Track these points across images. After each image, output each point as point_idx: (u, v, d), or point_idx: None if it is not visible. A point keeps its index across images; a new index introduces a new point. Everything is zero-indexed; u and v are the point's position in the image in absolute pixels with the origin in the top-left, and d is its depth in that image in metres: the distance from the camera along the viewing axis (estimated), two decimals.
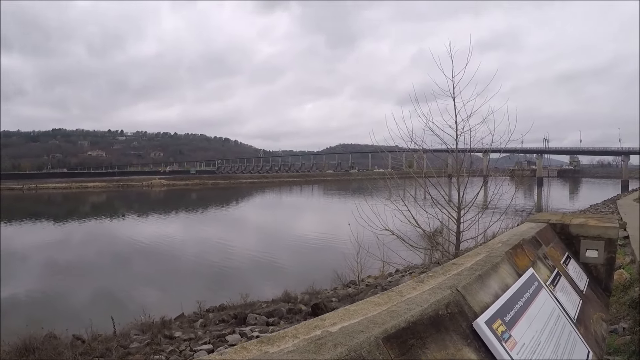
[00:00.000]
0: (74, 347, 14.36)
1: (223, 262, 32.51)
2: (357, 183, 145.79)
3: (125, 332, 15.96)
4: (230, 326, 15.10)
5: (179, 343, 13.61)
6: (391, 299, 2.26)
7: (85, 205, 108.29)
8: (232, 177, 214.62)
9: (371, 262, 20.76)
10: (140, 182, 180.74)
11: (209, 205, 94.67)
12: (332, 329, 1.82)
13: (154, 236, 47.13)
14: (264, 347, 1.71)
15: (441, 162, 18.50)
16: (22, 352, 13.78)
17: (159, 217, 72.56)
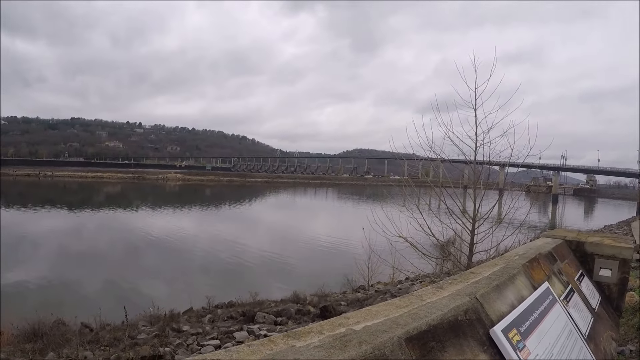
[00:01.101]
0: (82, 335, 14.45)
1: (233, 260, 32.57)
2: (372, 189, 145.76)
3: (134, 323, 16.01)
4: (238, 323, 15.12)
5: (186, 337, 13.63)
6: (412, 302, 2.30)
7: (99, 195, 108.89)
8: (247, 175, 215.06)
9: (382, 268, 20.76)
10: (155, 175, 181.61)
11: (222, 202, 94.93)
12: (356, 327, 1.86)
13: (166, 230, 47.30)
14: (290, 341, 1.74)
15: (458, 172, 18.45)
16: (30, 336, 13.92)
17: (172, 211, 72.83)
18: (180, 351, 11.65)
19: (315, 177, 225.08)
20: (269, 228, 55.30)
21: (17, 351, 12.78)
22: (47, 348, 12.75)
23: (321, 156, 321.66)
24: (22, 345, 13.32)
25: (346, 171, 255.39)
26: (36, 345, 13.07)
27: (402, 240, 13.76)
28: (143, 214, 67.08)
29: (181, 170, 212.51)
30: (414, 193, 16.38)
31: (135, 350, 11.25)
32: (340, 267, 27.30)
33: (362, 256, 21.66)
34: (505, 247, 14.17)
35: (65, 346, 12.75)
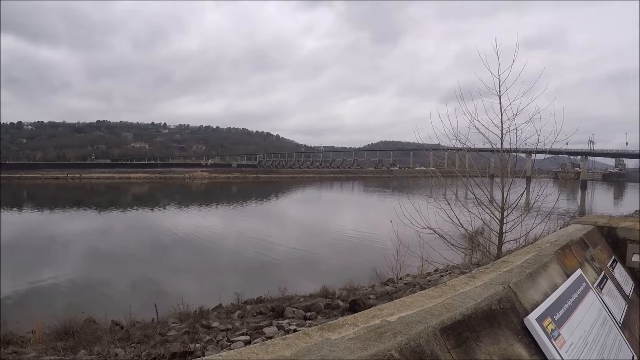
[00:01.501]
0: (112, 333, 14.65)
1: (261, 256, 32.65)
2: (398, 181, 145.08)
3: (164, 321, 16.16)
4: (267, 318, 15.14)
5: (216, 333, 13.68)
6: (445, 292, 2.28)
7: (127, 195, 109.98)
8: (273, 171, 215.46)
9: (410, 260, 20.66)
10: (182, 174, 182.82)
11: (249, 198, 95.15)
12: (391, 319, 1.85)
13: (193, 228, 47.60)
14: (325, 334, 1.74)
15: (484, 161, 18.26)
16: (61, 335, 14.11)
17: (199, 209, 73.26)
18: (210, 347, 11.70)
19: (341, 170, 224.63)
20: (296, 223, 55.36)
21: (49, 349, 12.97)
22: (78, 346, 12.91)
23: (346, 149, 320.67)
24: (53, 343, 13.50)
25: (371, 164, 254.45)
26: (67, 343, 13.23)
27: (430, 231, 13.64)
28: (170, 213, 67.59)
29: (207, 169, 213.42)
30: (441, 184, 16.26)
31: (165, 347, 11.34)
32: (368, 261, 27.25)
33: (390, 249, 21.60)
34: (534, 235, 14.00)
35: (96, 344, 12.89)
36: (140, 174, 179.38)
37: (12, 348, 13.38)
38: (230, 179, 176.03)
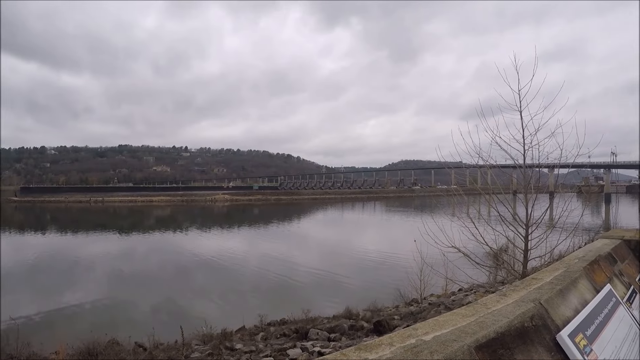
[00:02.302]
0: (136, 354, 14.76)
1: (284, 277, 32.66)
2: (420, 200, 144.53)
3: (187, 342, 16.18)
4: (291, 340, 15.10)
5: (239, 355, 13.67)
6: (477, 310, 2.27)
7: (149, 218, 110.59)
8: (294, 192, 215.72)
9: (435, 279, 20.47)
10: (203, 197, 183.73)
11: (271, 220, 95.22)
12: (426, 338, 1.85)
13: (215, 250, 47.70)
14: (362, 354, 1.74)
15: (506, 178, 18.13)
16: (85, 356, 14.23)
17: (221, 231, 73.43)
18: None
19: (362, 191, 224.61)
20: (318, 244, 55.31)
21: None
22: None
23: (367, 170, 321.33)
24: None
25: (393, 183, 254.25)
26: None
27: (453, 250, 13.54)
28: (193, 236, 67.81)
29: (229, 191, 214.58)
30: (463, 202, 16.16)
31: None
32: (391, 281, 27.14)
33: (414, 269, 21.45)
34: (559, 252, 13.87)
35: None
36: (162, 197, 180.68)
37: None
38: (252, 201, 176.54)
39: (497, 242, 13.99)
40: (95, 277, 35.01)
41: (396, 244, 46.78)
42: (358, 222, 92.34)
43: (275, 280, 31.94)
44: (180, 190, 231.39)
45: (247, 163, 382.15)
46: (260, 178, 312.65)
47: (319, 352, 11.67)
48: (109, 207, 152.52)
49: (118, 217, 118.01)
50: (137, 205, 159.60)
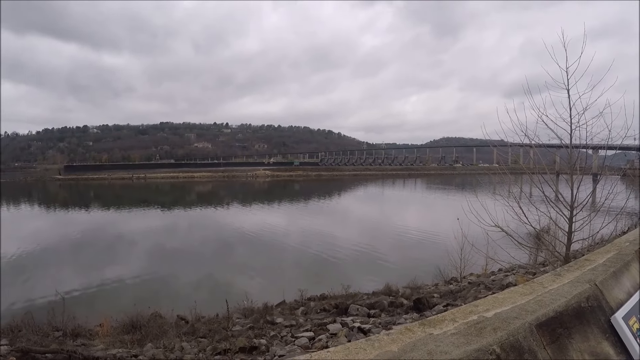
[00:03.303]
0: (178, 327, 15.04)
1: (324, 252, 32.77)
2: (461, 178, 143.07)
3: (229, 316, 16.45)
4: (331, 315, 15.18)
5: (280, 329, 13.80)
6: (534, 289, 2.26)
7: (191, 194, 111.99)
8: (335, 169, 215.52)
9: (475, 259, 20.31)
10: (244, 172, 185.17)
11: (311, 196, 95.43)
12: (487, 315, 1.86)
13: (256, 225, 48.13)
14: (427, 329, 1.76)
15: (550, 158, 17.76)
16: (128, 328, 14.64)
17: (262, 207, 73.84)
18: (274, 343, 11.81)
19: (403, 168, 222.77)
20: (358, 221, 55.19)
21: (116, 342, 13.39)
22: (145, 339, 13.29)
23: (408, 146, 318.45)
24: (120, 337, 13.98)
25: (434, 161, 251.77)
26: (134, 337, 13.68)
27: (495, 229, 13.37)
28: (234, 211, 68.43)
29: (270, 167, 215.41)
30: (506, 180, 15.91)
31: (230, 341, 11.49)
32: (431, 259, 27.06)
33: (454, 247, 21.32)
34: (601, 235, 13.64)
35: (162, 337, 13.23)
36: (203, 173, 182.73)
37: (80, 340, 13.89)
38: (293, 177, 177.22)
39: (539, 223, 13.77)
40: (138, 253, 35.64)
41: (436, 222, 46.59)
42: (398, 199, 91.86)
43: (315, 256, 32.08)
44: (221, 166, 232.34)
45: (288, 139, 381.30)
46: (301, 154, 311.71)
47: (359, 328, 11.71)
48: (151, 183, 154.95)
49: (160, 193, 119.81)
50: (179, 181, 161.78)
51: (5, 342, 12.74)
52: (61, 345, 11.92)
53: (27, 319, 15.34)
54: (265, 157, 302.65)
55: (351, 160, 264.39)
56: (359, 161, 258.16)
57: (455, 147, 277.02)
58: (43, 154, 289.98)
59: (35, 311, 17.40)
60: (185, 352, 11.11)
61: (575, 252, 13.34)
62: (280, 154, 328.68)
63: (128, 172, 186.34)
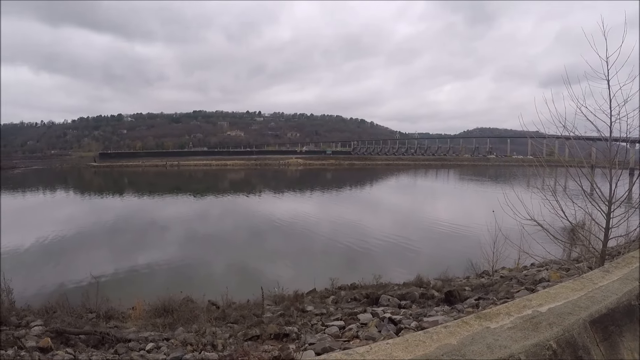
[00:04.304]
0: (209, 312, 15.18)
1: (355, 242, 32.78)
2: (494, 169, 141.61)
3: (259, 303, 16.55)
4: (362, 305, 15.14)
5: (310, 317, 13.80)
6: (585, 285, 2.23)
7: (224, 181, 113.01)
8: (367, 158, 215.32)
9: (507, 252, 20.05)
10: (277, 160, 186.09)
11: (343, 185, 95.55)
12: (542, 309, 1.85)
13: (288, 213, 48.38)
14: (483, 323, 1.75)
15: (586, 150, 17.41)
16: (160, 312, 14.82)
17: (294, 195, 74.17)
18: (305, 330, 11.82)
19: (436, 158, 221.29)
20: (390, 211, 55.08)
21: (148, 325, 13.59)
22: (176, 323, 13.45)
23: (441, 136, 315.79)
24: (152, 320, 14.17)
25: (467, 151, 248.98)
26: (166, 320, 13.86)
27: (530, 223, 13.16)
28: (266, 199, 68.82)
29: (302, 155, 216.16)
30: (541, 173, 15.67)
31: (261, 327, 11.55)
32: (462, 251, 26.90)
33: (487, 239, 21.10)
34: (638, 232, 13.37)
35: (193, 322, 13.36)
36: (236, 161, 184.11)
37: (113, 323, 14.14)
38: (325, 165, 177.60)
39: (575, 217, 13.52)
40: (171, 238, 36.14)
41: (468, 214, 46.26)
42: (430, 189, 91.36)
43: (346, 245, 32.10)
44: (254, 154, 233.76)
45: (320, 128, 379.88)
46: (334, 143, 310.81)
47: (389, 319, 11.65)
48: (185, 170, 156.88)
49: (193, 180, 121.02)
50: (212, 168, 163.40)
51: (40, 322, 12.99)
52: (94, 327, 12.11)
53: (61, 301, 15.67)
54: (298, 145, 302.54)
55: (384, 149, 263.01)
56: (392, 151, 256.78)
57: (489, 138, 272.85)
58: (78, 142, 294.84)
59: (70, 293, 17.77)
60: (216, 337, 11.17)
61: (610, 249, 13.14)
62: (312, 142, 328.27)
63: (161, 160, 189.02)
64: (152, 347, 10.69)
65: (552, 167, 15.91)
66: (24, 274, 23.47)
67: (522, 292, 12.57)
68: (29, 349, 9.22)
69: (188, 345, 10.38)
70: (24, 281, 21.45)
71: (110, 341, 11.18)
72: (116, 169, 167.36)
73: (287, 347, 9.54)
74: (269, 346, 9.80)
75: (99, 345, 11.04)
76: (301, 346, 9.47)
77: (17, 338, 10.32)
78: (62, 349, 10.15)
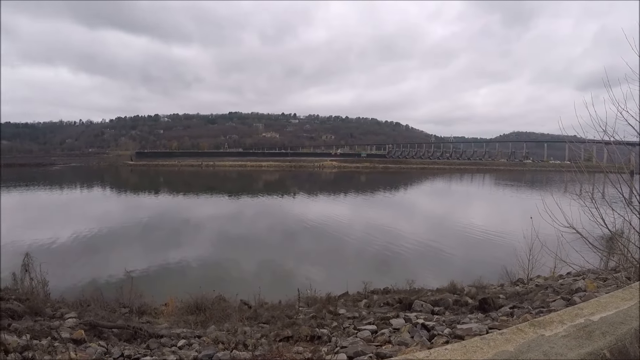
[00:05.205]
0: (241, 311, 15.28)
1: (388, 246, 32.67)
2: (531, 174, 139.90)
3: (291, 304, 16.64)
4: (394, 310, 15.03)
5: (342, 320, 13.73)
6: (633, 295, 2.19)
7: (258, 182, 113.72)
8: (402, 161, 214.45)
9: (544, 260, 19.74)
10: (311, 163, 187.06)
11: (377, 188, 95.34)
12: (594, 318, 1.84)
13: (322, 215, 48.43)
14: (538, 330, 1.75)
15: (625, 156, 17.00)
16: (193, 309, 15.06)
17: (328, 197, 74.27)
18: (336, 333, 11.76)
19: (471, 162, 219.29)
20: (423, 215, 54.78)
21: (180, 322, 13.73)
22: (208, 321, 13.60)
23: (477, 140, 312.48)
24: (185, 317, 14.37)
25: (503, 156, 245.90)
26: (198, 318, 14.05)
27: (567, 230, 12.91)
28: (300, 201, 69.05)
29: (336, 158, 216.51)
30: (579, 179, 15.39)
31: (293, 329, 11.53)
32: (496, 258, 26.54)
33: (522, 247, 20.79)
34: None
35: (225, 320, 13.50)
36: (271, 162, 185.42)
37: (146, 318, 14.37)
38: (359, 168, 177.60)
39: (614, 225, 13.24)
40: (204, 237, 36.48)
41: (503, 220, 45.81)
42: (465, 194, 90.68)
43: (379, 249, 32.01)
44: (288, 156, 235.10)
45: (355, 130, 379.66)
46: (368, 146, 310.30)
47: (422, 325, 11.54)
48: (219, 171, 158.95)
49: (228, 180, 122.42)
50: (247, 169, 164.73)
51: (74, 315, 13.24)
52: (127, 322, 12.30)
53: (95, 295, 16.13)
54: (332, 148, 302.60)
55: (418, 153, 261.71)
56: (427, 154, 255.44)
57: (526, 142, 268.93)
58: (116, 141, 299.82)
59: (104, 288, 18.26)
60: (247, 336, 11.19)
61: None
62: (347, 145, 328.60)
63: (197, 160, 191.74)
64: (184, 343, 10.78)
65: (590, 173, 15.64)
66: (59, 267, 23.88)
67: (558, 302, 12.36)
68: (63, 340, 9.34)
69: (220, 344, 10.43)
70: (59, 274, 21.88)
71: (142, 336, 11.32)
72: (152, 168, 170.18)
73: (319, 349, 9.52)
74: (301, 348, 9.78)
75: (132, 340, 11.20)
76: (333, 349, 9.44)
77: (52, 329, 10.50)
78: (95, 342, 10.30)
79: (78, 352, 8.53)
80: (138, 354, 9.10)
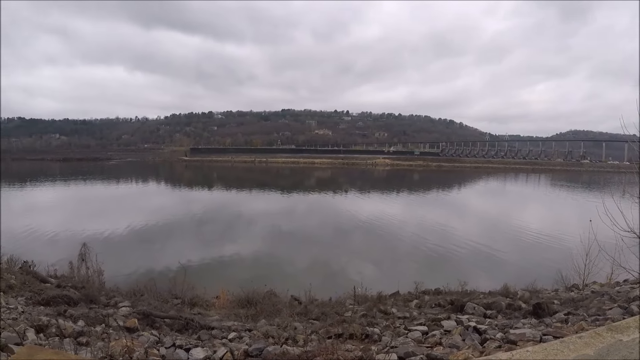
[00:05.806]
0: (291, 307, 15.43)
1: (440, 246, 32.36)
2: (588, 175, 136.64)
3: (341, 301, 16.69)
4: (446, 311, 14.87)
5: (393, 319, 13.63)
6: None
7: (310, 179, 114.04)
8: (455, 160, 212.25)
9: (601, 265, 19.24)
10: (364, 160, 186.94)
11: (430, 187, 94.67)
12: None
13: (374, 213, 48.36)
14: (615, 335, 1.79)
15: None
16: (244, 303, 15.36)
17: (380, 195, 73.90)
18: (387, 333, 11.70)
19: (527, 162, 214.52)
20: (477, 216, 54.02)
21: (231, 315, 13.96)
22: (259, 315, 13.76)
23: (532, 139, 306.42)
24: (236, 310, 14.63)
25: (560, 155, 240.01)
26: (249, 311, 14.26)
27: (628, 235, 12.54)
28: (352, 198, 68.95)
29: (389, 156, 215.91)
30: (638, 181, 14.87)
31: (343, 326, 11.53)
32: (551, 262, 26.03)
33: (579, 251, 20.29)
34: None
35: (276, 315, 13.63)
36: (323, 160, 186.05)
37: (197, 310, 14.68)
38: (412, 166, 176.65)
39: None
40: (256, 232, 36.86)
41: (559, 222, 44.92)
42: (521, 195, 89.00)
43: (431, 249, 31.74)
44: (341, 153, 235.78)
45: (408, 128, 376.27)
46: (422, 143, 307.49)
47: (474, 328, 11.39)
48: (272, 167, 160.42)
49: (280, 176, 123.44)
50: (299, 166, 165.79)
51: (128, 304, 13.65)
52: (179, 312, 12.57)
53: (149, 285, 16.55)
54: (385, 145, 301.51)
55: (472, 151, 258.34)
56: (481, 153, 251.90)
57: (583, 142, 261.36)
58: (170, 137, 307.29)
59: (157, 278, 18.66)
60: (297, 331, 11.25)
61: None
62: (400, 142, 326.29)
63: (250, 156, 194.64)
64: (234, 336, 10.88)
65: None
66: (115, 258, 24.54)
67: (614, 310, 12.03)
68: (117, 327, 9.56)
69: (270, 338, 10.51)
70: (114, 264, 22.58)
71: (194, 327, 11.54)
72: (206, 163, 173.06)
73: (369, 348, 9.48)
74: (351, 345, 9.77)
75: (183, 330, 11.44)
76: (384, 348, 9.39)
77: (106, 316, 10.76)
78: (148, 331, 10.57)
79: (131, 340, 8.72)
80: (189, 345, 9.24)
